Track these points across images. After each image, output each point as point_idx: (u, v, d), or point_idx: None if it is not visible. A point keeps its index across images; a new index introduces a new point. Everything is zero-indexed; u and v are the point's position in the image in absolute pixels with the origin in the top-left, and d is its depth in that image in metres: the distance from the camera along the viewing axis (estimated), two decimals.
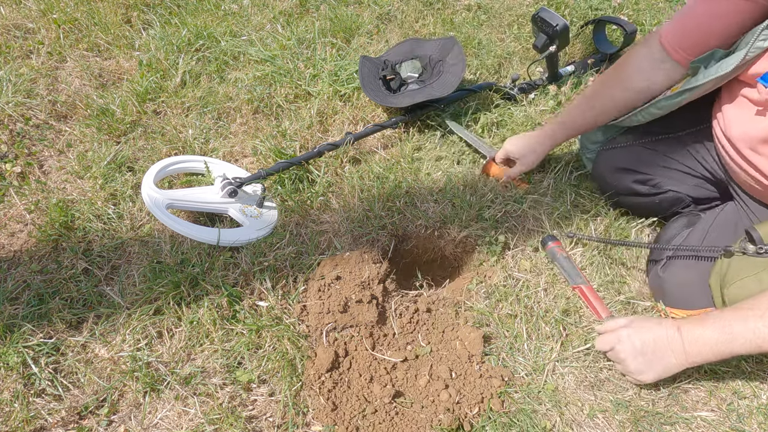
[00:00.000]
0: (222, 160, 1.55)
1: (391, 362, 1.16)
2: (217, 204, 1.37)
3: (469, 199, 1.44)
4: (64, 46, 1.86)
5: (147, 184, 1.31)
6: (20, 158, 1.51)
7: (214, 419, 1.03)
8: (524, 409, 1.08)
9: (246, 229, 1.35)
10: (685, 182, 1.31)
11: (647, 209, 1.40)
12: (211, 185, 1.42)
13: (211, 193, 1.38)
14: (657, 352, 1.04)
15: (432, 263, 1.48)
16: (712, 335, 0.97)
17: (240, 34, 1.97)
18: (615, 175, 1.38)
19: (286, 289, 1.25)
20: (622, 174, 1.36)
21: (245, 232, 1.34)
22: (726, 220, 1.21)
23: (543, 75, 1.86)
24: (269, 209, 1.43)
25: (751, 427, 1.09)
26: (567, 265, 1.28)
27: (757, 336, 0.91)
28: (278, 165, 1.43)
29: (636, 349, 1.05)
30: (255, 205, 1.40)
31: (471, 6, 2.17)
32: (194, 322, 1.17)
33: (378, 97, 1.64)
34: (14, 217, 1.38)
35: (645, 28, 2.12)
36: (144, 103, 1.69)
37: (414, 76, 1.72)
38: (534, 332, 1.20)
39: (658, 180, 1.32)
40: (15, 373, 1.07)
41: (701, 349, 0.99)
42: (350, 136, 1.52)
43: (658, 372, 1.05)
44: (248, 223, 1.37)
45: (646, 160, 1.32)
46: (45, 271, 1.27)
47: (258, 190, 1.43)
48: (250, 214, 1.39)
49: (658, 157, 1.31)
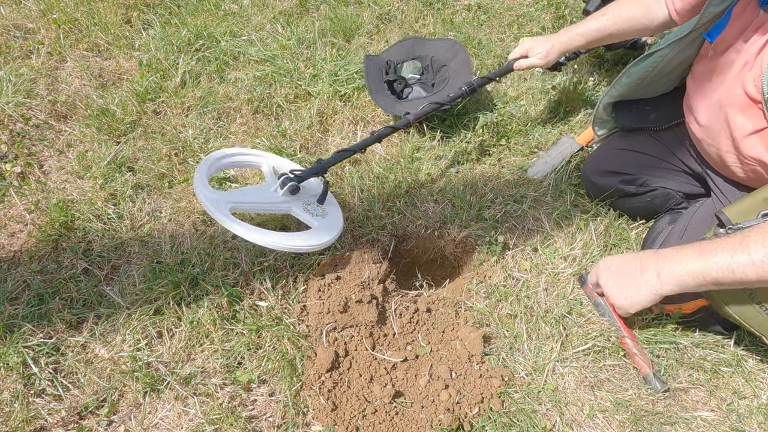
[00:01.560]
0: (268, 151, 1.41)
1: (391, 362, 1.16)
2: (280, 204, 1.22)
3: (469, 199, 1.44)
4: (64, 46, 1.86)
5: (202, 184, 1.14)
6: (20, 158, 1.51)
7: (214, 419, 1.03)
8: (524, 409, 1.08)
9: (318, 232, 1.20)
10: (669, 178, 1.34)
11: (643, 210, 1.42)
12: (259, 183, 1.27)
13: (268, 191, 1.23)
14: (629, 272, 1.05)
15: (432, 263, 1.48)
16: (685, 255, 0.96)
17: (240, 34, 1.97)
18: (603, 179, 1.41)
19: (286, 289, 1.25)
20: (609, 177, 1.40)
21: (320, 235, 1.19)
22: (704, 213, 1.24)
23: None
24: (330, 204, 1.29)
25: (751, 427, 1.09)
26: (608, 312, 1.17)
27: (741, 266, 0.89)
28: (338, 155, 1.29)
29: (616, 271, 1.08)
30: (316, 201, 1.26)
31: (471, 6, 2.17)
32: (194, 322, 1.17)
33: (386, 104, 1.63)
34: (14, 217, 1.38)
35: None
36: (144, 103, 1.69)
37: (415, 77, 1.73)
38: (534, 332, 1.20)
39: (644, 178, 1.36)
40: (15, 373, 1.07)
41: (674, 267, 0.97)
42: (409, 116, 1.40)
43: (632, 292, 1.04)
44: (316, 223, 1.22)
45: (629, 161, 1.37)
46: (45, 271, 1.27)
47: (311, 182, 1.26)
48: (314, 212, 1.24)
49: (639, 156, 1.36)
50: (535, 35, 2.03)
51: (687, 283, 0.96)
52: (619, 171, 1.38)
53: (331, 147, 1.61)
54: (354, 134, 1.64)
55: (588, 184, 1.48)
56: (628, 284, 1.05)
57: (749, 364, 1.18)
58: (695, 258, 0.94)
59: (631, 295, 1.05)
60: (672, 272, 0.97)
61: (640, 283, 1.03)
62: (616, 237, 1.40)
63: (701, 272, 0.93)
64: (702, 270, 0.93)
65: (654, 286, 1.00)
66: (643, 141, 1.37)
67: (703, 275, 0.93)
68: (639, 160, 1.36)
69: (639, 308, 1.05)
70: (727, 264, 0.90)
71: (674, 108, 1.31)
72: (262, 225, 1.26)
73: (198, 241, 1.33)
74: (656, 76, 1.25)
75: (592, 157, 1.47)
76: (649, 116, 1.35)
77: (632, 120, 1.37)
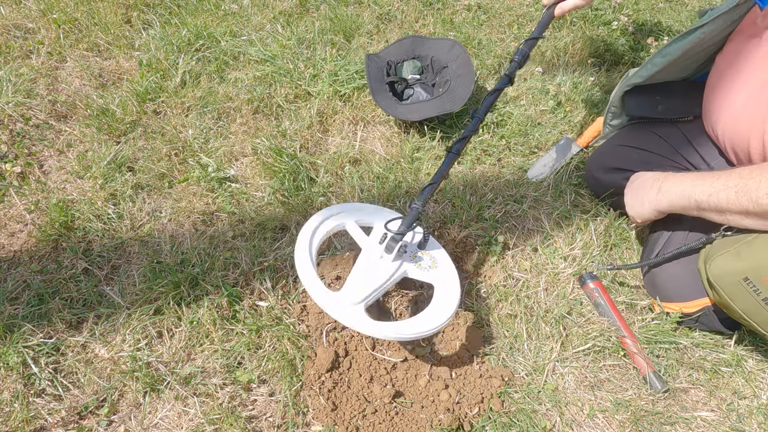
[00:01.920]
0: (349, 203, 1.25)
1: (391, 362, 1.16)
2: (397, 273, 1.07)
3: (469, 199, 1.44)
4: (64, 46, 1.86)
5: (312, 280, 0.99)
6: (20, 158, 1.51)
7: (214, 419, 1.03)
8: (524, 409, 1.08)
9: (442, 291, 1.06)
10: None
11: None
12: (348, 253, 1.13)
13: (371, 258, 1.08)
14: (643, 187, 1.19)
15: None
16: (684, 179, 1.08)
17: (240, 34, 1.97)
18: (607, 176, 1.40)
19: (286, 289, 1.25)
20: (613, 173, 1.39)
21: (448, 297, 1.05)
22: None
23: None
24: (433, 248, 1.14)
25: (751, 427, 1.09)
26: (607, 313, 1.20)
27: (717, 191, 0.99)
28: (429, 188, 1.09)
29: (637, 185, 1.22)
30: (417, 248, 1.12)
31: (471, 6, 2.17)
32: (194, 322, 1.17)
33: (387, 105, 1.63)
34: (14, 217, 1.38)
35: (645, 28, 2.12)
36: (144, 103, 1.69)
37: (416, 77, 1.73)
38: (534, 332, 1.20)
39: None
40: (15, 373, 1.07)
41: (671, 186, 1.09)
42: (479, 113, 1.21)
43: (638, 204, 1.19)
44: (438, 281, 1.09)
45: (633, 158, 1.36)
46: (45, 271, 1.27)
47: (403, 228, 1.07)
48: (426, 265, 1.10)
49: (645, 154, 1.35)
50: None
51: (675, 203, 1.08)
52: (623, 168, 1.36)
53: (330, 147, 1.61)
54: (354, 134, 1.64)
55: (591, 180, 1.47)
56: (639, 197, 1.18)
57: (749, 364, 1.18)
58: (689, 182, 1.05)
59: (636, 207, 1.20)
60: (668, 190, 1.09)
61: (644, 198, 1.16)
62: (616, 237, 1.40)
63: (687, 193, 1.04)
64: (688, 192, 1.03)
65: (653, 201, 1.13)
66: (648, 138, 1.36)
67: (688, 197, 1.04)
68: (644, 158, 1.34)
69: (641, 220, 1.20)
70: (708, 189, 1.00)
71: (683, 103, 1.30)
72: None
73: (198, 241, 1.33)
74: (690, 55, 1.20)
75: (595, 153, 1.46)
76: (657, 107, 1.34)
77: (640, 109, 1.36)
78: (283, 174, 1.46)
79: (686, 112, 1.30)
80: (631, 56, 1.99)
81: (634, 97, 1.36)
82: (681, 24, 2.16)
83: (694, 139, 1.28)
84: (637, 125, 1.40)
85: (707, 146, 1.25)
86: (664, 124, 1.34)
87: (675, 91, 1.34)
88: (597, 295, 1.22)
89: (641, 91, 1.34)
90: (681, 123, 1.32)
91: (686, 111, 1.30)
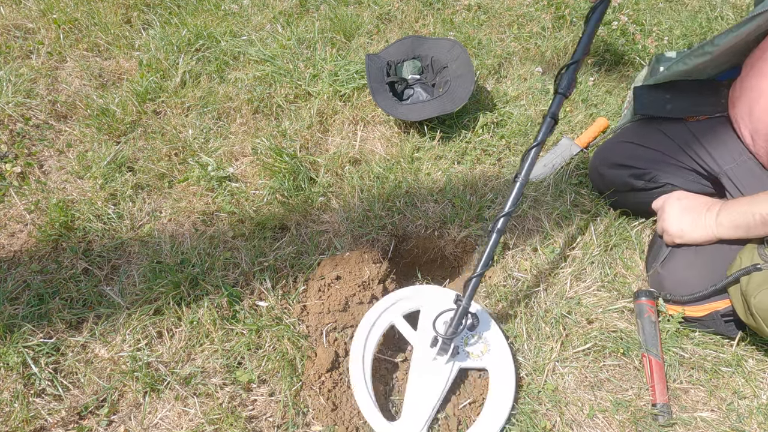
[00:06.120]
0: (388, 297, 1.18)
1: (391, 362, 1.16)
2: (453, 372, 1.06)
3: (469, 199, 1.44)
4: (64, 46, 1.86)
5: (372, 411, 0.99)
6: (20, 158, 1.51)
7: (214, 419, 1.03)
8: (524, 409, 1.08)
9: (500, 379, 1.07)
10: (679, 175, 1.32)
11: (649, 206, 1.40)
12: (401, 357, 1.11)
13: (429, 363, 1.06)
14: (696, 210, 1.18)
15: (432, 263, 1.48)
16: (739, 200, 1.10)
17: (240, 34, 1.97)
18: (611, 171, 1.39)
19: (286, 289, 1.25)
20: (618, 169, 1.38)
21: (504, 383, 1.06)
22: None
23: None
24: (483, 325, 1.13)
25: (751, 427, 1.09)
26: (648, 329, 1.18)
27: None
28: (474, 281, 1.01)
29: (687, 203, 1.21)
30: (468, 332, 1.09)
31: (471, 6, 2.17)
32: (194, 322, 1.17)
33: (387, 105, 1.63)
34: (14, 217, 1.38)
35: (645, 27, 2.12)
36: (144, 103, 1.69)
37: (416, 77, 1.72)
38: (534, 332, 1.20)
39: (653, 174, 1.33)
40: (15, 373, 1.07)
41: (729, 210, 1.10)
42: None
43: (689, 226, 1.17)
44: (493, 367, 1.08)
45: (639, 156, 1.35)
46: (45, 271, 1.27)
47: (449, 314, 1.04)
48: (479, 351, 1.09)
49: (650, 152, 1.34)
50: (535, 35, 2.03)
51: (739, 222, 1.07)
52: (629, 164, 1.35)
53: (330, 147, 1.61)
54: (354, 134, 1.64)
55: (595, 176, 1.46)
56: (691, 218, 1.17)
57: (749, 364, 1.18)
58: (746, 200, 1.08)
59: (687, 227, 1.17)
60: (728, 213, 1.09)
61: (699, 221, 1.15)
62: (616, 237, 1.40)
63: (750, 210, 1.05)
64: (751, 209, 1.04)
65: (710, 226, 1.13)
66: (654, 136, 1.34)
67: (752, 213, 1.04)
68: (650, 155, 1.33)
69: (688, 241, 1.17)
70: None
71: (692, 102, 1.29)
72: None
73: (198, 241, 1.33)
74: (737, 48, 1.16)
75: (600, 149, 1.45)
76: (665, 106, 1.33)
77: (649, 107, 1.34)
78: (283, 174, 1.46)
79: (692, 112, 1.29)
80: (631, 56, 1.99)
81: (644, 94, 1.35)
82: (681, 24, 2.16)
83: (702, 138, 1.27)
84: (645, 122, 1.39)
85: (717, 146, 1.24)
86: (671, 122, 1.32)
87: (684, 90, 1.32)
88: (647, 311, 1.20)
89: (650, 89, 1.34)
90: (689, 122, 1.30)
91: (693, 111, 1.28)
